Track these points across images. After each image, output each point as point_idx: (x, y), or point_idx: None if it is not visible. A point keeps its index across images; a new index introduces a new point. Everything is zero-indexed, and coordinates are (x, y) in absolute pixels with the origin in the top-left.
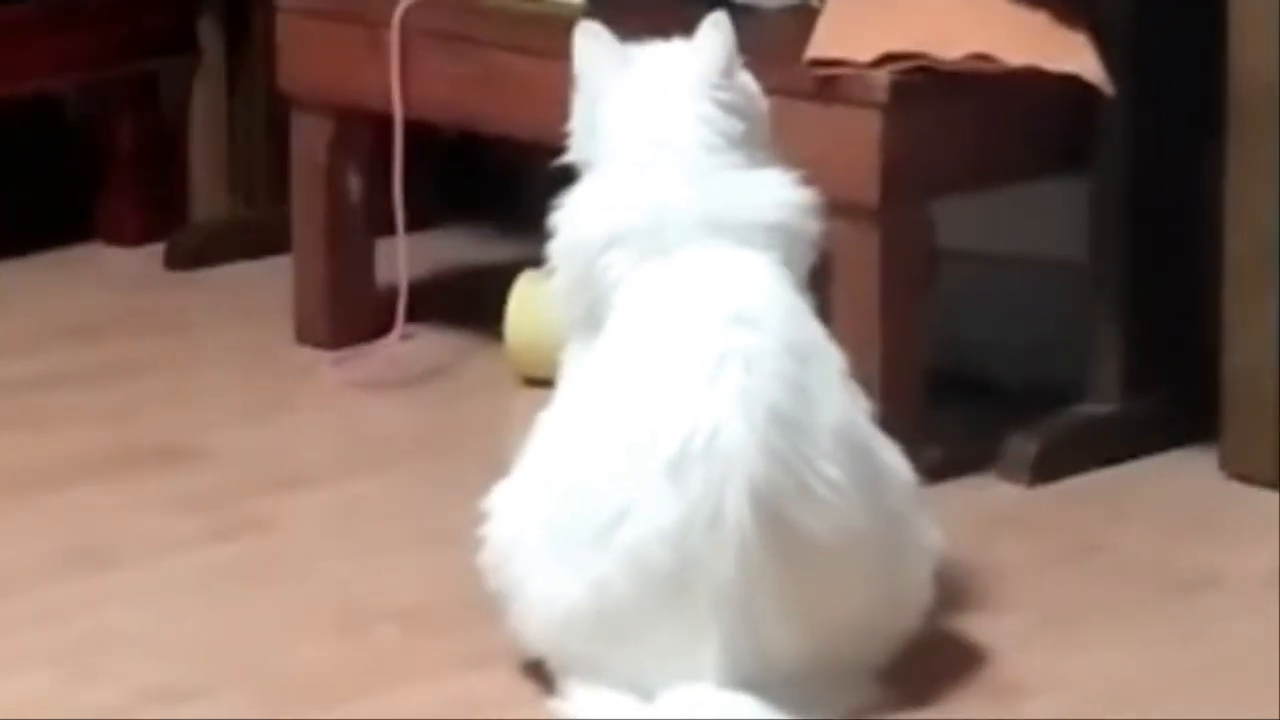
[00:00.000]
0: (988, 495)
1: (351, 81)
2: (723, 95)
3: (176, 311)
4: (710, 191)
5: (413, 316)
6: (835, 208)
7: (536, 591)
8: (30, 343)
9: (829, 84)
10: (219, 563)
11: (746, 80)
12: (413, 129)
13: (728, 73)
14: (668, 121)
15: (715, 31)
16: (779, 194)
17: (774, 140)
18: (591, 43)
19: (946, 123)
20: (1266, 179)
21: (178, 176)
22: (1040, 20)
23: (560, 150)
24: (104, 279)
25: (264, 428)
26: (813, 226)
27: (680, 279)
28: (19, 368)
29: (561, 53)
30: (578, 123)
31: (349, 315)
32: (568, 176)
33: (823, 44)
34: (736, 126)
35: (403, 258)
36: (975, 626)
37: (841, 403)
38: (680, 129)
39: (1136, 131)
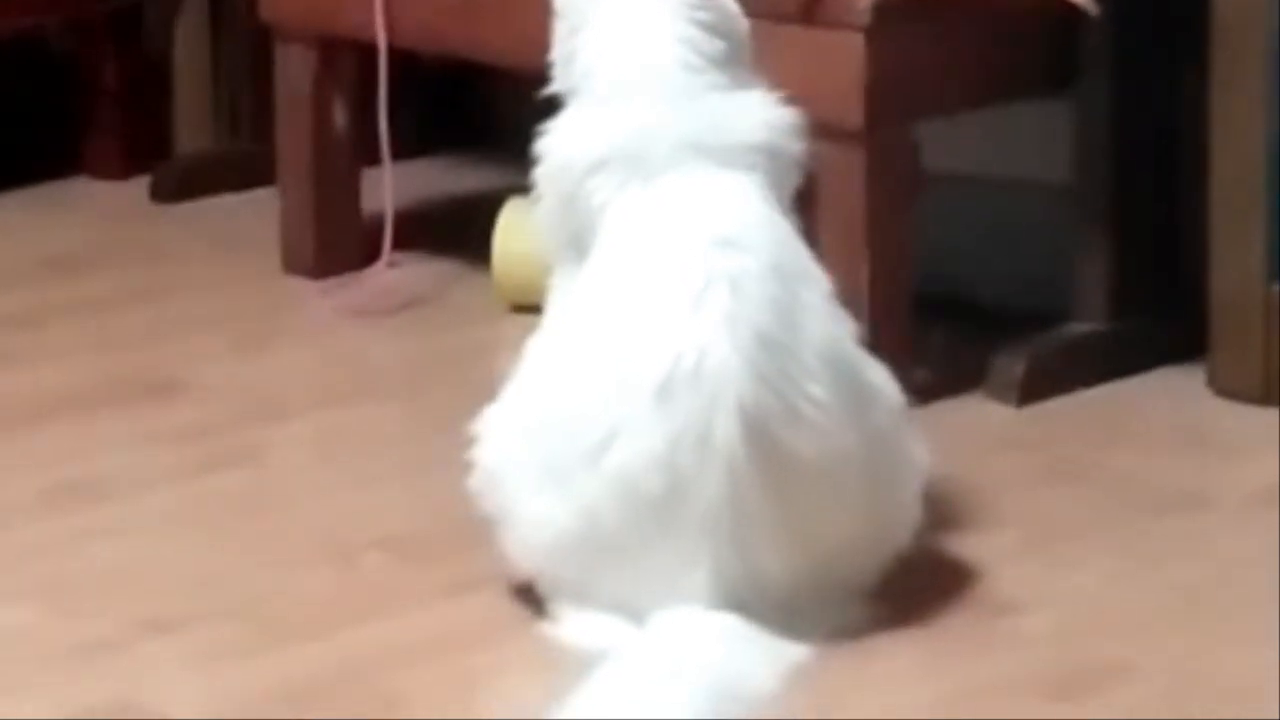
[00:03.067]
0: (975, 415)
1: (335, 11)
2: (701, 15)
3: (162, 244)
4: (694, 113)
5: (399, 245)
6: (820, 130)
7: (526, 516)
8: (16, 277)
9: (812, 6)
10: (208, 494)
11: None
12: (397, 58)
13: None
14: (648, 44)
15: None
16: (763, 115)
17: (756, 61)
18: None
19: (930, 44)
20: (1251, 97)
21: (162, 110)
22: None
23: (544, 77)
24: (89, 213)
25: (251, 358)
26: (797, 147)
27: (665, 202)
28: (6, 301)
29: None
30: (559, 53)
31: (336, 245)
32: (553, 103)
33: None
34: (717, 46)
35: (389, 187)
36: (964, 545)
37: (828, 324)
38: (661, 51)
39: (1121, 51)
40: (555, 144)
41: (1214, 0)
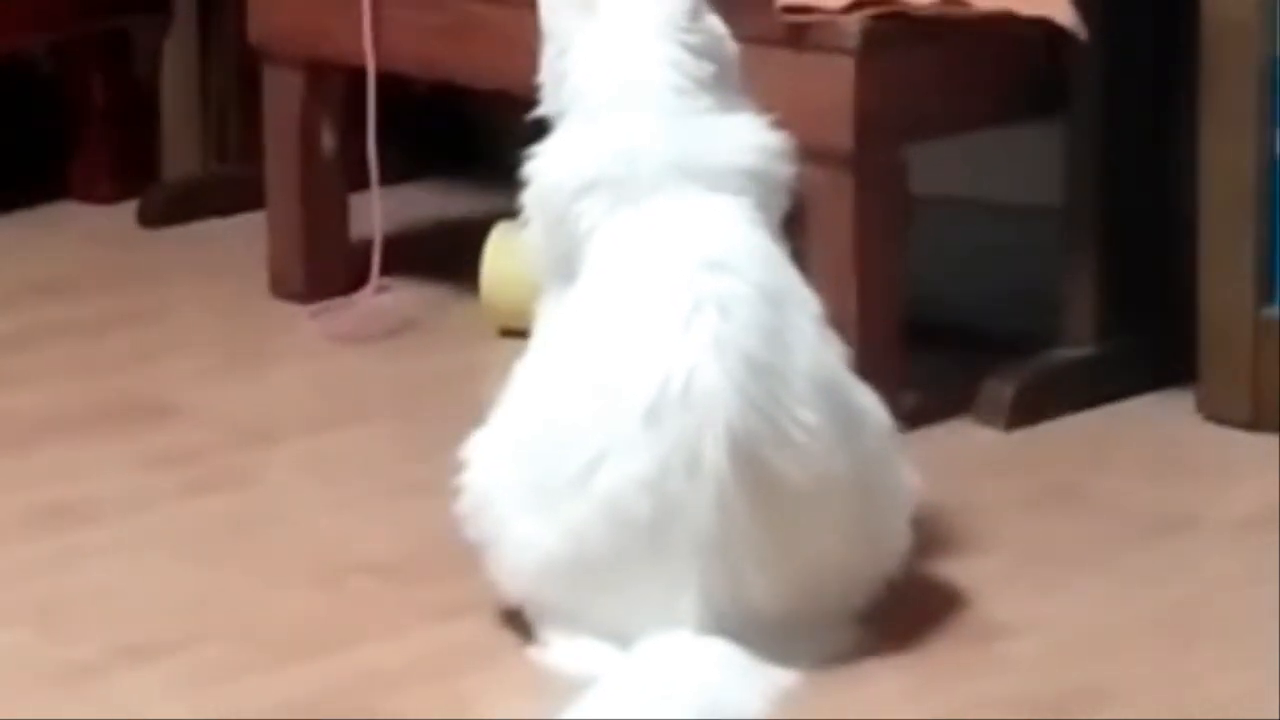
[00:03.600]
0: (965, 440)
1: (324, 34)
2: (690, 38)
3: (150, 268)
4: (682, 136)
5: (388, 269)
6: (809, 154)
7: (514, 540)
8: (2, 300)
9: (801, 31)
10: (195, 517)
11: (714, 22)
12: (385, 81)
13: (694, 15)
14: (636, 66)
15: None
16: (751, 138)
17: (745, 85)
18: None
19: (919, 68)
20: (1240, 121)
21: (150, 134)
22: None
23: (534, 101)
24: (77, 237)
25: (240, 382)
26: (786, 170)
27: (654, 225)
28: None
29: (535, 2)
30: (547, 75)
31: (324, 269)
32: (542, 127)
33: None
34: (706, 69)
35: (377, 211)
36: (954, 570)
37: (817, 348)
38: (649, 73)
39: (1110, 75)
40: (544, 167)
41: (1203, 24)
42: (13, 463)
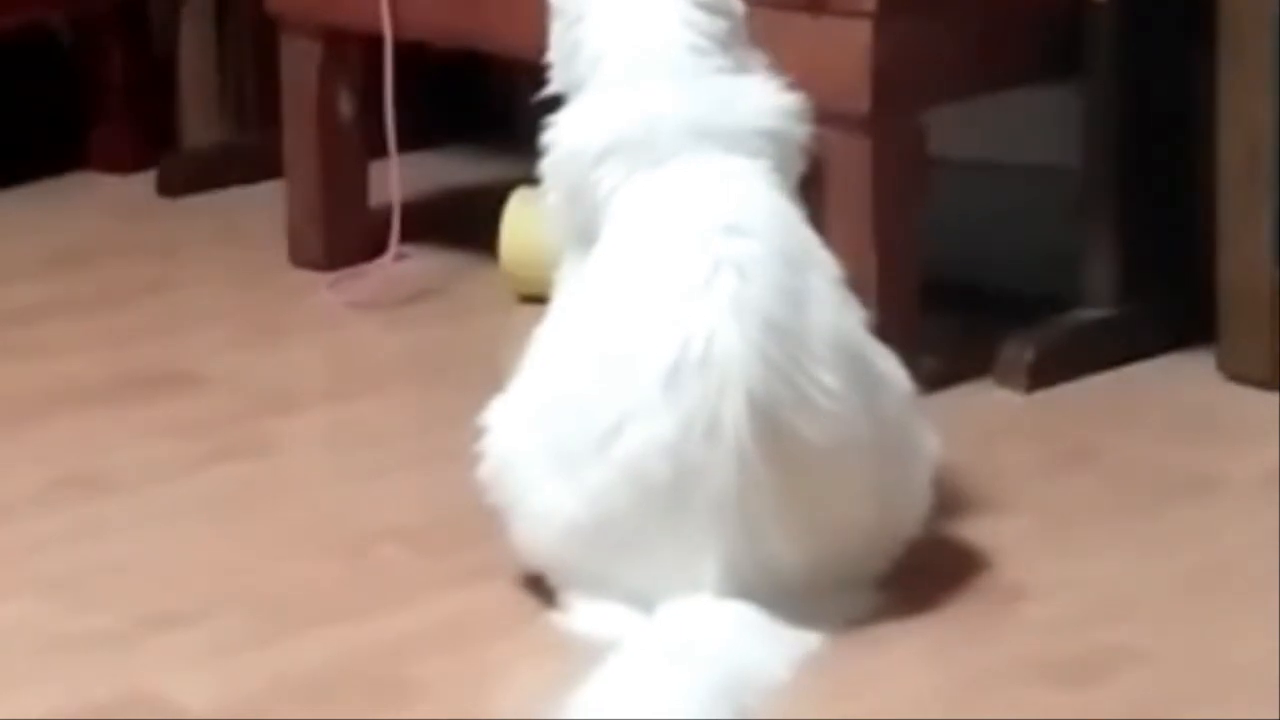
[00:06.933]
0: (985, 402)
1: (340, 2)
2: None
3: (170, 238)
4: (700, 99)
5: (407, 237)
6: (827, 117)
7: (535, 506)
8: (24, 271)
9: None
10: (217, 487)
11: None
12: (403, 49)
13: None
14: (651, 29)
15: None
16: (769, 99)
17: (753, 41)
18: None
19: (937, 30)
20: (1260, 81)
21: (169, 103)
22: None
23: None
24: (97, 207)
25: (260, 351)
26: (802, 132)
27: (673, 189)
28: (13, 295)
29: None
30: (557, 51)
31: (343, 237)
32: (560, 94)
33: None
34: (720, 25)
35: (395, 178)
36: (975, 532)
37: (836, 311)
38: (665, 34)
39: (1129, 35)
40: (563, 134)
41: None
42: (35, 433)
